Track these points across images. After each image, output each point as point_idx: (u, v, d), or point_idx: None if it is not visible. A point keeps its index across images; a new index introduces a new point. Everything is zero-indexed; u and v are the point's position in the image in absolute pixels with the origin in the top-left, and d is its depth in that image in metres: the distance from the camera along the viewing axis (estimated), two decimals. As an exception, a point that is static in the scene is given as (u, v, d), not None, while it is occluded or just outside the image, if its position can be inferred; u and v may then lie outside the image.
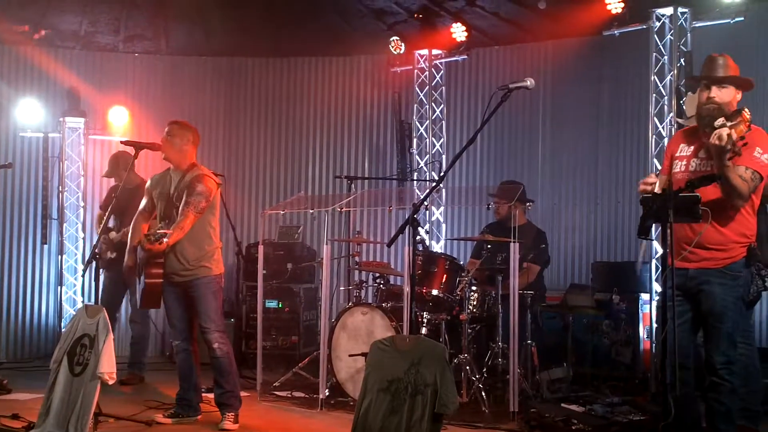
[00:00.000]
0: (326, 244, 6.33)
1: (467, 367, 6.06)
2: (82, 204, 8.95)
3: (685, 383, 4.00)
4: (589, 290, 7.38)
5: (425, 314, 6.31)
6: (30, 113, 8.66)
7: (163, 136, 5.59)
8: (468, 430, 5.50)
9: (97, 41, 9.10)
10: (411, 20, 8.70)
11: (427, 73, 9.15)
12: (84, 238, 8.96)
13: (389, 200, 8.20)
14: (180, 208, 5.37)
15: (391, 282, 7.04)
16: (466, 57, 9.01)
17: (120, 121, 8.89)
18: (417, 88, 9.23)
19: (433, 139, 9.14)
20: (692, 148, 4.29)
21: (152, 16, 8.63)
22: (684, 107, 6.95)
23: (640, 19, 7.48)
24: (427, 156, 9.10)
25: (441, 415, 4.02)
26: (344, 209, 7.02)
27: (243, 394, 5.86)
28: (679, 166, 4.30)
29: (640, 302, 7.13)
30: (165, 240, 5.13)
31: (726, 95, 4.20)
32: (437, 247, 8.91)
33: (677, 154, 4.35)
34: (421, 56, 9.14)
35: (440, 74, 9.19)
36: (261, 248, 6.77)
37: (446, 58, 9.10)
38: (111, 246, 7.02)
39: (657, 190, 3.99)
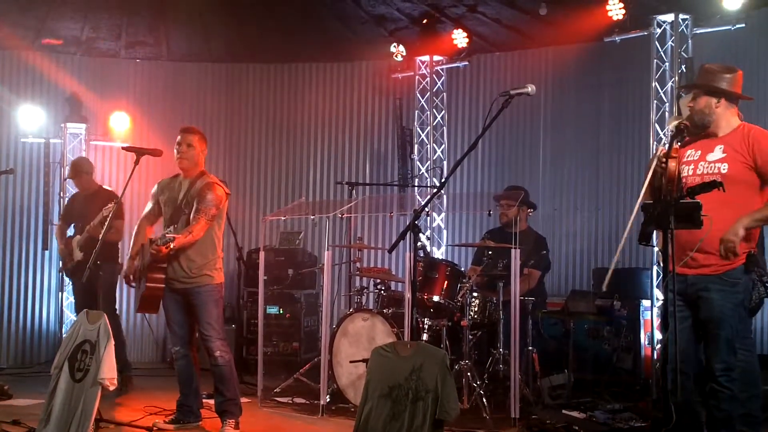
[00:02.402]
0: (327, 250, 6.32)
1: (468, 374, 6.05)
2: (83, 210, 8.95)
3: (683, 389, 3.99)
4: (590, 296, 7.37)
5: (426, 320, 6.31)
6: (31, 119, 8.67)
7: (180, 145, 5.50)
8: (469, 437, 5.49)
9: (98, 47, 9.11)
10: (412, 26, 8.71)
11: (428, 79, 9.16)
12: (85, 244, 8.96)
13: (390, 206, 8.21)
14: (191, 215, 5.37)
15: (392, 288, 7.03)
16: (467, 63, 9.04)
17: (121, 126, 8.91)
18: (418, 94, 9.25)
19: (434, 145, 9.15)
20: (699, 152, 4.29)
21: (153, 23, 8.64)
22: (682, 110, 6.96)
23: (641, 25, 7.49)
24: (428, 162, 9.11)
25: (442, 421, 4.02)
26: (345, 215, 7.01)
27: (244, 400, 5.85)
28: (686, 170, 4.30)
29: (641, 308, 7.13)
30: (172, 244, 5.12)
31: (697, 103, 4.28)
32: (438, 254, 8.91)
33: (685, 159, 4.35)
34: (422, 62, 9.16)
35: (441, 80, 9.20)
36: (262, 254, 6.77)
37: (447, 64, 9.13)
38: (71, 252, 7.02)
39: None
